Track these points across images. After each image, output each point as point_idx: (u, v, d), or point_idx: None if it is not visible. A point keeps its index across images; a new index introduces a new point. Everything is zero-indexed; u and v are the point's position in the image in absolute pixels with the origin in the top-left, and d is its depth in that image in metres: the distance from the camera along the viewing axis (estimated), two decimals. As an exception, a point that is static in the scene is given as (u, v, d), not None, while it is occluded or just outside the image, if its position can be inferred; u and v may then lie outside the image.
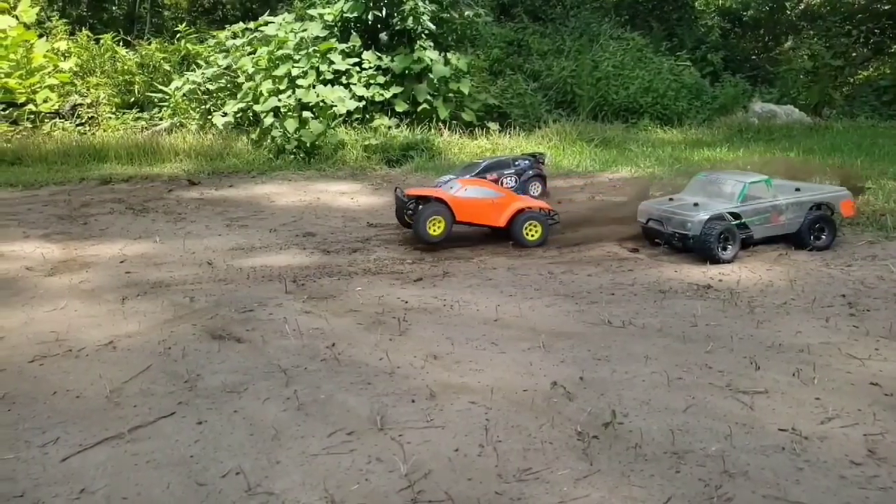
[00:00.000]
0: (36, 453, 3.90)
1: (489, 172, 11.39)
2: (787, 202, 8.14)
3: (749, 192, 8.12)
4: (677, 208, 8.12)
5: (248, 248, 8.61)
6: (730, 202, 8.06)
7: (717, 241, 7.59)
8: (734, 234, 7.76)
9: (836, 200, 8.38)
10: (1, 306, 6.56)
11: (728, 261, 7.64)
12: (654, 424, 4.16)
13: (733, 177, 8.48)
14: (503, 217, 8.64)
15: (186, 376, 4.93)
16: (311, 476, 3.68)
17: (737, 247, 7.74)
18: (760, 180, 8.27)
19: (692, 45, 23.78)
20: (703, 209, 7.91)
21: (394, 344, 5.53)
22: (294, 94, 16.38)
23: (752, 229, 8.01)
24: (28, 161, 16.15)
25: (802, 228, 8.08)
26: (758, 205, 8.06)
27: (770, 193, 8.18)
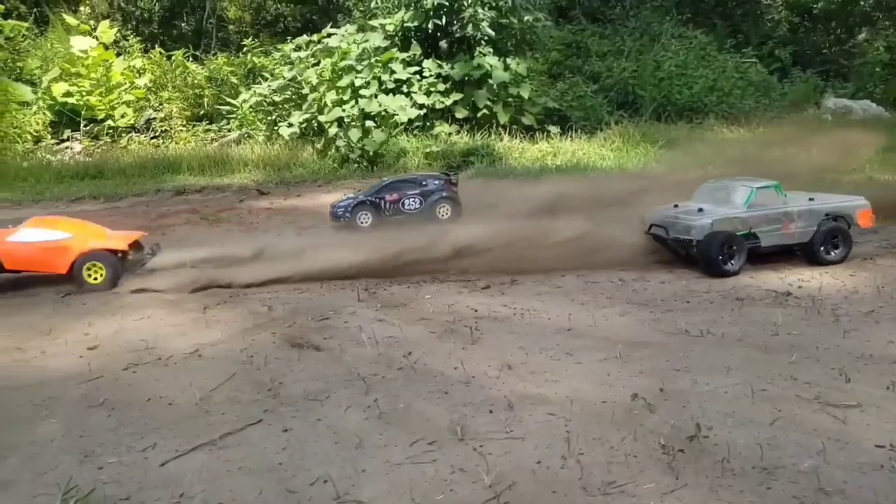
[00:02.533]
0: (137, 458, 4.11)
1: (390, 192, 10.68)
2: (798, 210, 7.63)
3: (757, 198, 7.62)
4: (681, 213, 7.73)
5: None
6: (737, 208, 7.62)
7: (721, 252, 7.16)
8: (740, 244, 7.31)
9: (853, 210, 7.79)
10: (93, 315, 6.92)
11: (733, 273, 7.20)
12: (740, 438, 4.06)
13: (742, 182, 7.98)
14: (65, 262, 7.84)
15: (270, 384, 5.09)
16: (396, 485, 3.75)
17: (743, 257, 7.30)
18: (769, 185, 7.77)
19: (758, 40, 23.07)
20: (708, 214, 7.52)
21: (467, 353, 5.57)
22: (357, 103, 16.69)
23: (760, 237, 7.52)
24: (108, 174, 17.00)
25: (815, 239, 7.55)
26: (766, 211, 7.57)
27: (780, 200, 7.67)
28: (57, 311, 7.14)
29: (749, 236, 7.45)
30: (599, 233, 8.30)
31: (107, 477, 3.90)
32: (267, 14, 30.86)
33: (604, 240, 8.22)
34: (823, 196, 8.10)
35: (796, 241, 7.63)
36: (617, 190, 10.90)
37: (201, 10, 29.91)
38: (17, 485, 3.82)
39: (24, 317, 6.90)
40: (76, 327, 6.56)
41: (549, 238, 8.19)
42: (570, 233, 8.25)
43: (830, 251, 7.59)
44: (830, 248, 7.60)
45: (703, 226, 7.38)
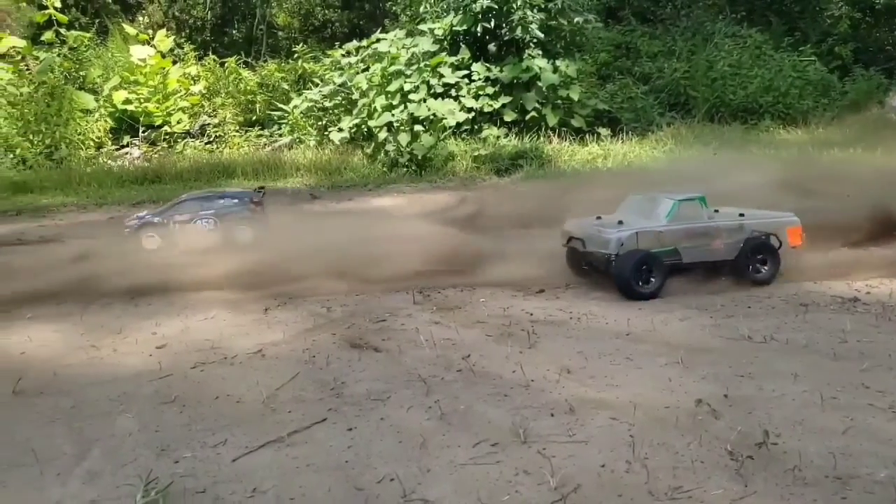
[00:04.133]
0: (210, 453, 4.26)
1: (181, 212, 9.80)
2: (723, 225, 7.21)
3: (680, 212, 7.18)
4: (600, 226, 7.30)
5: (375, 260, 8.92)
6: (658, 222, 7.18)
7: (637, 272, 6.78)
8: (658, 263, 6.90)
9: (782, 227, 7.31)
10: (160, 316, 7.18)
11: (649, 294, 6.78)
12: (811, 446, 3.98)
13: (666, 195, 7.50)
14: None
15: (332, 384, 5.21)
16: (462, 485, 3.79)
17: (661, 276, 6.89)
18: (693, 198, 7.31)
19: (817, 38, 22.40)
20: (625, 227, 7.10)
21: (525, 357, 5.58)
22: (406, 108, 16.85)
23: (681, 253, 7.09)
24: (166, 178, 17.56)
25: (740, 256, 7.13)
26: (689, 226, 7.14)
27: (704, 214, 7.25)
28: (126, 311, 7.42)
29: (670, 252, 7.02)
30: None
31: (183, 470, 4.06)
32: (315, 20, 31.39)
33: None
34: (755, 212, 7.65)
35: (721, 258, 7.20)
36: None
37: (252, 18, 30.63)
38: (102, 476, 4.01)
39: (96, 317, 7.20)
40: (145, 327, 6.81)
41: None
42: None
43: (758, 269, 7.17)
44: (758, 266, 7.18)
45: (619, 239, 6.97)
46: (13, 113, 19.30)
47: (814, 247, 7.64)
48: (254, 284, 7.74)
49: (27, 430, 4.64)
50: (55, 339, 6.56)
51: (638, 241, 6.99)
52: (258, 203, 10.15)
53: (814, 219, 7.73)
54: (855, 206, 8.44)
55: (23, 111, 19.29)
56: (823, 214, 8.07)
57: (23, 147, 18.78)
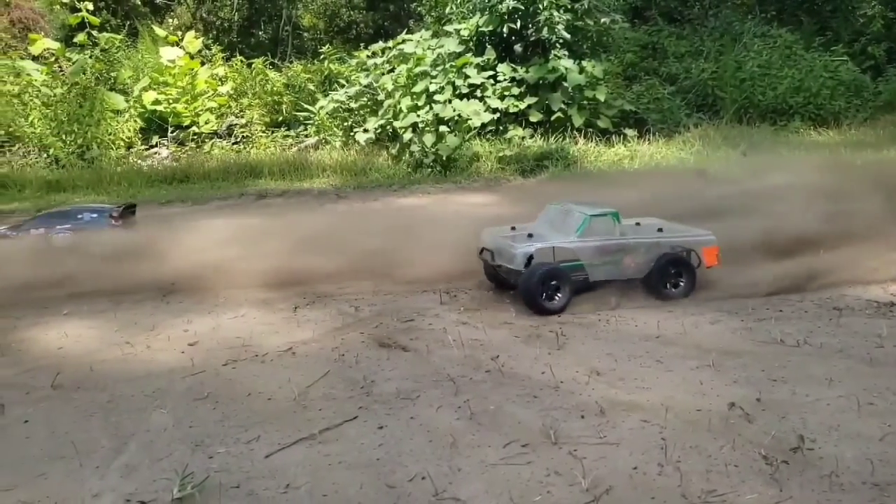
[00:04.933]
0: (243, 449, 4.32)
1: (36, 227, 9.46)
2: (635, 242, 7.00)
3: (591, 227, 6.94)
4: (510, 239, 7.08)
5: (403, 261, 8.95)
6: (568, 237, 6.98)
7: (543, 286, 6.56)
8: (565, 278, 6.68)
9: (697, 246, 7.10)
10: (191, 314, 7.28)
11: (557, 310, 6.60)
12: (847, 452, 3.93)
13: (578, 208, 7.24)
14: None
15: (362, 382, 5.25)
16: (493, 485, 3.81)
17: (568, 292, 6.67)
18: (606, 213, 7.04)
19: (849, 37, 21.96)
20: (536, 241, 6.90)
21: (553, 358, 5.58)
22: (431, 109, 16.88)
23: (589, 270, 6.86)
24: (194, 178, 17.77)
25: (653, 272, 6.94)
26: (599, 242, 6.91)
27: (616, 230, 7.02)
28: (158, 309, 7.53)
29: (577, 268, 6.85)
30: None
31: (217, 466, 4.12)
32: (340, 21, 31.57)
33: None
34: (675, 227, 7.42)
35: (631, 276, 7.02)
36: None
37: (278, 19, 30.92)
38: (139, 469, 4.09)
39: (129, 314, 7.32)
40: (177, 324, 6.92)
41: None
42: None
43: (674, 285, 6.99)
44: (672, 283, 6.99)
45: (525, 254, 6.76)
46: (47, 113, 19.69)
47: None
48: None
49: (67, 423, 4.75)
50: (90, 335, 6.69)
51: (545, 257, 6.79)
52: (118, 217, 9.96)
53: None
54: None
55: (56, 111, 19.68)
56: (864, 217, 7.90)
57: (56, 147, 19.14)
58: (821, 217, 8.12)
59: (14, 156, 19.17)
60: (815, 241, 7.58)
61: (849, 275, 7.18)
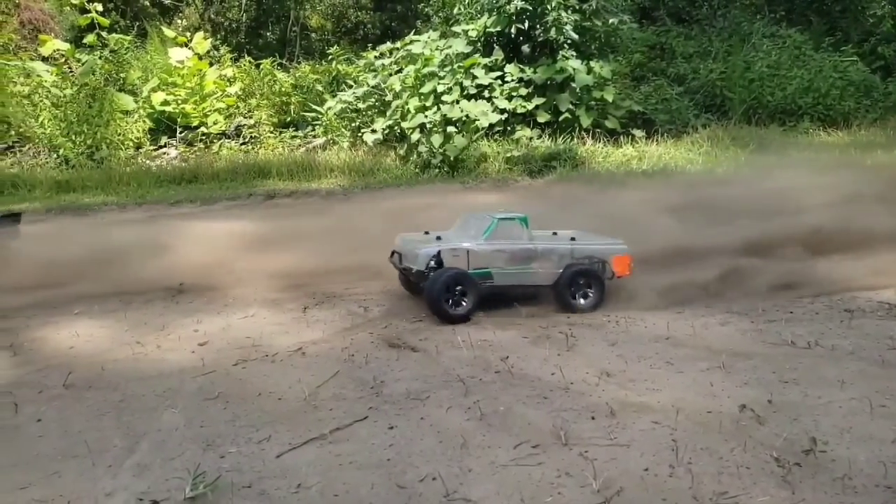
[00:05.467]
0: (254, 449, 4.33)
1: None
2: (542, 248, 6.88)
3: (499, 231, 6.83)
4: (418, 241, 6.97)
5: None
6: (474, 241, 6.86)
7: (447, 291, 6.41)
8: (471, 284, 6.53)
9: (608, 255, 6.99)
10: (201, 313, 7.31)
11: (461, 317, 6.45)
12: (860, 455, 3.91)
13: (487, 213, 7.20)
14: None
15: (372, 383, 5.26)
16: (504, 486, 3.81)
17: (474, 299, 6.52)
18: (514, 218, 6.94)
19: (859, 38, 21.87)
20: (438, 244, 6.79)
21: (563, 359, 5.58)
22: (439, 109, 16.88)
23: (494, 276, 6.75)
24: (203, 178, 17.81)
25: (560, 282, 6.80)
26: (505, 247, 6.79)
27: (525, 235, 6.90)
28: (168, 309, 7.56)
29: (483, 273, 6.73)
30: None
31: (229, 465, 4.14)
32: (348, 21, 31.64)
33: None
34: (588, 236, 7.33)
35: (538, 283, 6.91)
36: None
37: (285, 20, 31.02)
38: (151, 469, 4.11)
39: (139, 314, 7.36)
40: (186, 324, 6.95)
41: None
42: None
43: (583, 295, 6.86)
44: (580, 294, 6.86)
45: (427, 255, 6.65)
46: (57, 114, 19.79)
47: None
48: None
49: (79, 422, 4.78)
50: (101, 334, 6.73)
51: (449, 260, 6.67)
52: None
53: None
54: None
55: (66, 112, 19.77)
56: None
57: (66, 147, 19.24)
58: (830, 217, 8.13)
59: (24, 156, 19.29)
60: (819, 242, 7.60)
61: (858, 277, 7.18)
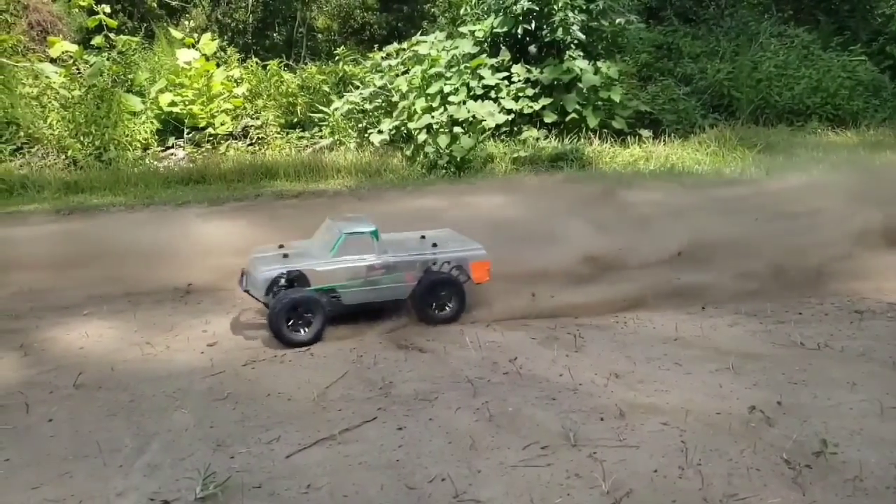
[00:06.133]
0: (264, 449, 4.36)
1: None
2: (395, 261, 6.49)
3: (347, 246, 6.41)
4: (261, 261, 6.48)
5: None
6: (321, 258, 6.45)
7: (289, 316, 5.98)
8: (315, 306, 6.09)
9: (465, 261, 6.61)
10: (209, 314, 7.32)
11: (308, 341, 6.04)
12: (871, 457, 3.90)
13: (338, 225, 6.66)
14: None
15: (381, 383, 5.27)
16: (513, 487, 3.82)
17: (321, 321, 6.10)
18: (363, 231, 6.50)
19: (868, 37, 21.77)
20: (283, 263, 6.34)
21: (571, 360, 5.58)
22: (446, 110, 16.89)
23: (341, 294, 6.34)
24: (210, 179, 17.85)
25: (416, 293, 6.44)
26: (353, 263, 6.39)
27: (375, 248, 6.48)
28: (176, 309, 7.57)
29: (329, 292, 6.33)
30: None
31: (238, 466, 4.16)
32: (354, 22, 31.69)
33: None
34: (452, 241, 6.95)
35: (391, 297, 6.54)
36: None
37: (292, 21, 31.06)
38: (162, 469, 4.14)
39: (148, 314, 7.38)
40: (195, 325, 6.96)
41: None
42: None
43: (441, 307, 6.53)
44: (440, 304, 6.53)
45: (266, 280, 6.20)
46: (65, 115, 19.89)
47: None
48: None
49: (90, 422, 4.81)
50: (110, 335, 6.76)
51: (291, 281, 6.29)
52: None
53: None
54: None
55: (74, 113, 19.87)
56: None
57: (74, 148, 19.33)
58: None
59: (33, 157, 19.39)
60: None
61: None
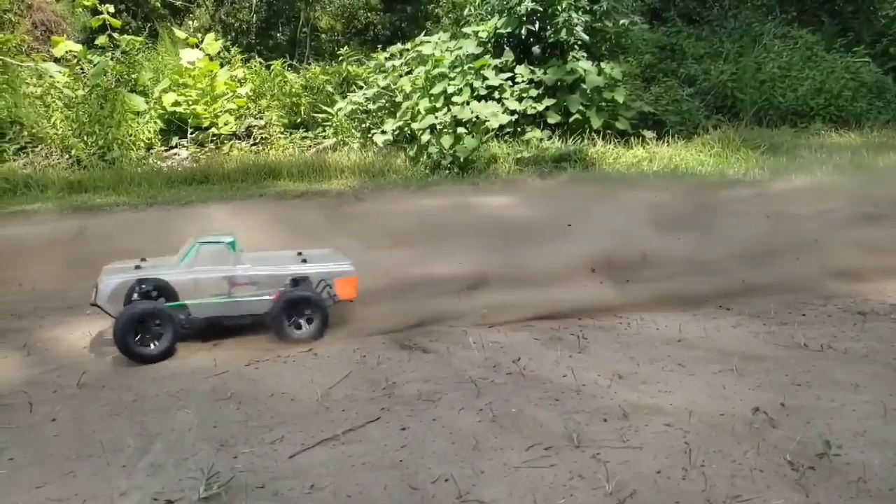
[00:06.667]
0: (267, 449, 4.36)
1: None
2: (250, 275, 6.19)
3: (200, 257, 6.10)
4: (107, 272, 6.13)
5: (423, 261, 8.97)
6: (171, 269, 6.13)
7: (134, 329, 5.64)
8: (166, 319, 5.75)
9: (329, 278, 6.36)
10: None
11: (157, 357, 5.77)
12: (875, 458, 3.89)
13: (200, 237, 6.35)
14: None
15: (384, 384, 5.27)
16: (516, 488, 3.81)
17: (171, 336, 5.79)
18: (219, 242, 6.18)
19: (871, 38, 21.74)
20: (129, 274, 6.03)
21: (575, 361, 5.57)
22: (450, 111, 16.91)
23: (191, 308, 6.01)
24: (213, 179, 17.88)
25: (274, 311, 6.12)
26: (205, 276, 6.05)
27: (231, 260, 6.17)
28: (180, 308, 7.59)
29: (180, 307, 6.00)
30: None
31: (242, 466, 4.16)
32: (358, 22, 31.71)
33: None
34: (319, 257, 6.69)
35: (248, 312, 6.22)
36: None
37: (296, 21, 31.12)
38: (165, 469, 4.14)
39: (152, 313, 7.39)
40: (199, 324, 6.97)
41: None
42: None
43: (299, 325, 6.22)
44: (299, 321, 6.22)
45: (106, 289, 5.91)
46: (69, 115, 19.94)
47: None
48: None
49: (93, 422, 4.82)
50: (114, 334, 6.76)
51: (136, 292, 5.96)
52: None
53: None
54: None
55: (77, 113, 19.91)
56: None
57: (78, 148, 19.37)
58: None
59: (37, 156, 19.43)
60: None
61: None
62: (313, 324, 6.22)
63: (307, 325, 6.22)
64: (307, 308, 6.21)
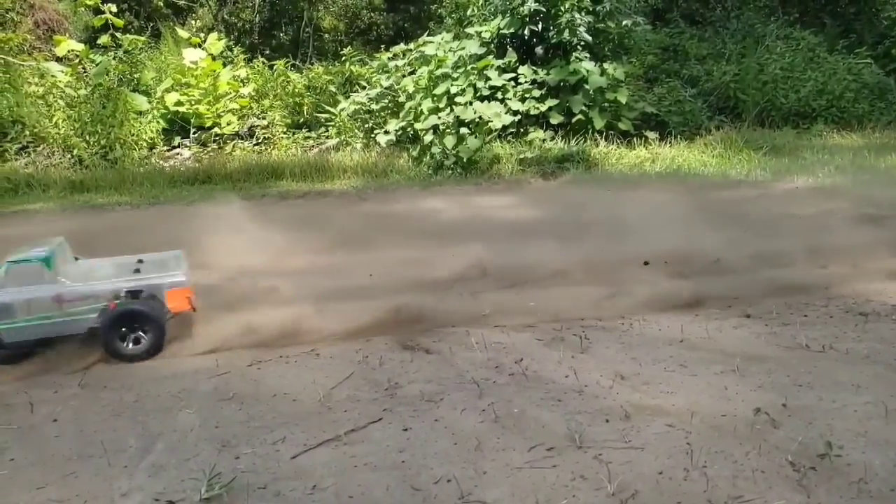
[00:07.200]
0: (269, 450, 4.37)
1: None
2: (70, 292, 5.86)
3: (11, 276, 5.76)
4: None
5: (424, 261, 8.98)
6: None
7: None
8: None
9: (159, 289, 6.07)
10: (214, 312, 7.33)
11: None
12: (875, 459, 3.89)
13: (18, 254, 6.01)
14: None
15: (386, 384, 5.28)
16: (519, 488, 3.82)
17: None
18: (30, 259, 5.84)
19: (873, 40, 21.73)
20: None
21: (577, 362, 5.57)
22: (453, 111, 16.91)
23: (3, 332, 5.74)
24: (216, 179, 17.90)
25: (102, 326, 5.83)
26: (18, 296, 5.75)
27: (48, 277, 5.84)
28: (182, 308, 7.59)
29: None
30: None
31: (244, 466, 4.17)
32: (361, 22, 31.71)
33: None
34: (160, 268, 6.38)
35: (71, 331, 5.92)
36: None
37: (299, 21, 31.09)
38: (167, 469, 4.15)
39: (154, 313, 7.40)
40: (199, 324, 6.97)
41: None
42: None
43: (130, 341, 5.93)
44: (130, 337, 5.93)
45: None
46: (71, 114, 19.97)
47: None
48: None
49: (95, 422, 4.83)
50: (117, 334, 6.77)
51: None
52: None
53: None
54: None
55: (80, 112, 19.93)
56: None
57: (80, 147, 19.40)
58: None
59: (39, 156, 19.46)
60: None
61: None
62: (147, 339, 5.94)
63: (140, 340, 5.94)
64: (140, 323, 5.91)
